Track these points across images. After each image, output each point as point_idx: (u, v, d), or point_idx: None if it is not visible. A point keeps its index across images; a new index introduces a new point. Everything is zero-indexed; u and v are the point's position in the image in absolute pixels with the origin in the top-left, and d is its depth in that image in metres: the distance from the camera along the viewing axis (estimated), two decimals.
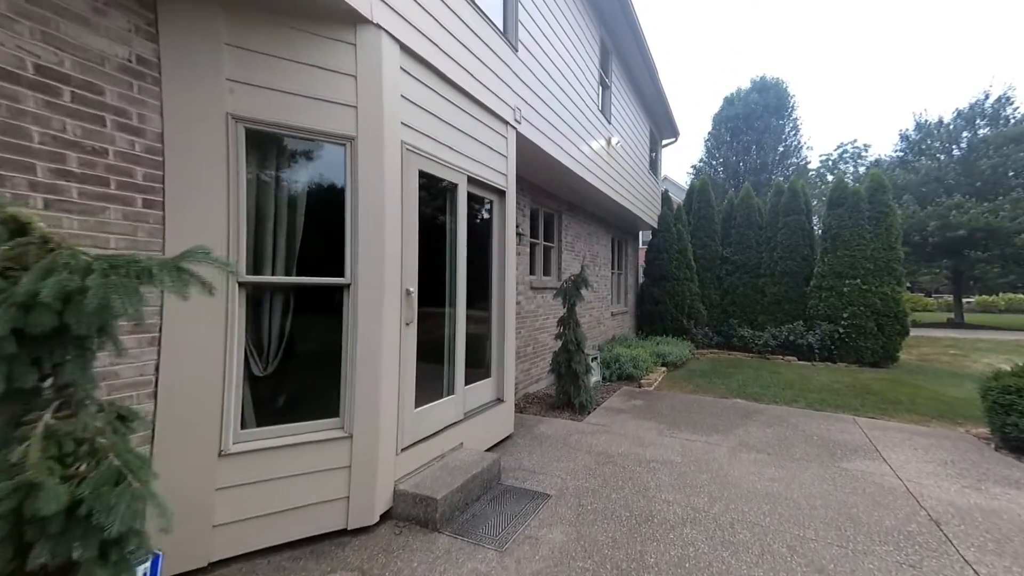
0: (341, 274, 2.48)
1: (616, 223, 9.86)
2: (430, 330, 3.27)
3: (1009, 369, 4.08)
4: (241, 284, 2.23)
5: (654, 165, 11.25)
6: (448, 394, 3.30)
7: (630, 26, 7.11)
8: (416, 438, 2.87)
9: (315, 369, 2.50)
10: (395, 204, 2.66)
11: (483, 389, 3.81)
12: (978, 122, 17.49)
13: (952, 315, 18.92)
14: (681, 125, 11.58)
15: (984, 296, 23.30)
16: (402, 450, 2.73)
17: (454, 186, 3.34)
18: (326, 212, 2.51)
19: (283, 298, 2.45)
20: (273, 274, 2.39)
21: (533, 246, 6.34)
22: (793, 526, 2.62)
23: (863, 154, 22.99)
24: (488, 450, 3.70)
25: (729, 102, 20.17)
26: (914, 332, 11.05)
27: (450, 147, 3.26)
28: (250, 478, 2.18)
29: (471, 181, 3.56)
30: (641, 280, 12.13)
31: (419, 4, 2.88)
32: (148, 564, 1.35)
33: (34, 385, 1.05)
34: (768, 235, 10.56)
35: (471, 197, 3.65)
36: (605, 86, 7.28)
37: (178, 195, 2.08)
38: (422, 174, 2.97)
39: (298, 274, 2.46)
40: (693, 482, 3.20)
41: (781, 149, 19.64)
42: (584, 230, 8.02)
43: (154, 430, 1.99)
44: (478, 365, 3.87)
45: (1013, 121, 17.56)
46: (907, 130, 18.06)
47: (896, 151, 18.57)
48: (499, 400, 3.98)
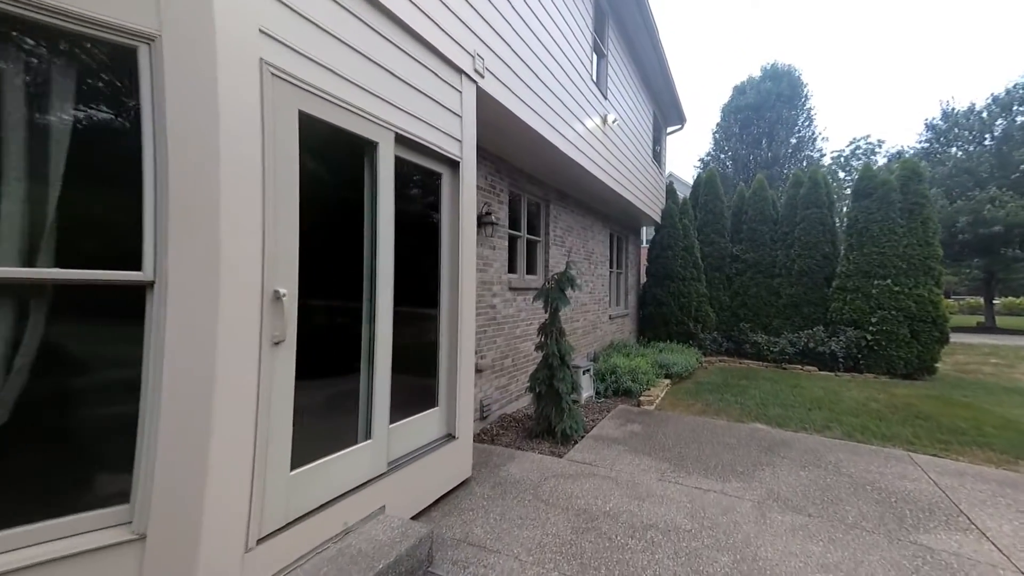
0: (136, 265, 1.52)
1: (615, 216, 8.85)
2: (333, 348, 2.30)
3: None
4: None
5: (658, 154, 10.22)
6: (363, 439, 2.32)
7: None
8: (294, 515, 1.90)
9: (85, 425, 1.53)
10: (248, 158, 1.69)
11: (424, 425, 2.83)
12: (1016, 108, 16.01)
13: (983, 319, 17.58)
14: (687, 116, 10.54)
15: (1011, 298, 21.91)
16: (262, 539, 1.76)
17: (372, 145, 2.36)
18: (111, 163, 1.54)
19: (20, 306, 1.47)
20: None
21: (513, 240, 5.35)
22: None
23: (876, 150, 21.75)
24: (427, 509, 2.72)
25: (740, 91, 18.95)
26: None
27: (366, 89, 2.28)
28: None
29: (404, 142, 2.58)
30: (643, 280, 11.11)
31: None
32: None
33: None
34: (784, 231, 9.50)
35: (407, 165, 2.67)
36: (600, 54, 6.28)
37: None
38: (309, 120, 1.99)
39: (57, 263, 1.48)
40: (710, 569, 2.20)
41: (794, 141, 18.37)
42: (577, 223, 7.02)
43: None
44: (419, 392, 2.89)
45: None
46: (933, 119, 16.73)
47: (921, 142, 17.28)
48: (450, 437, 3.00)
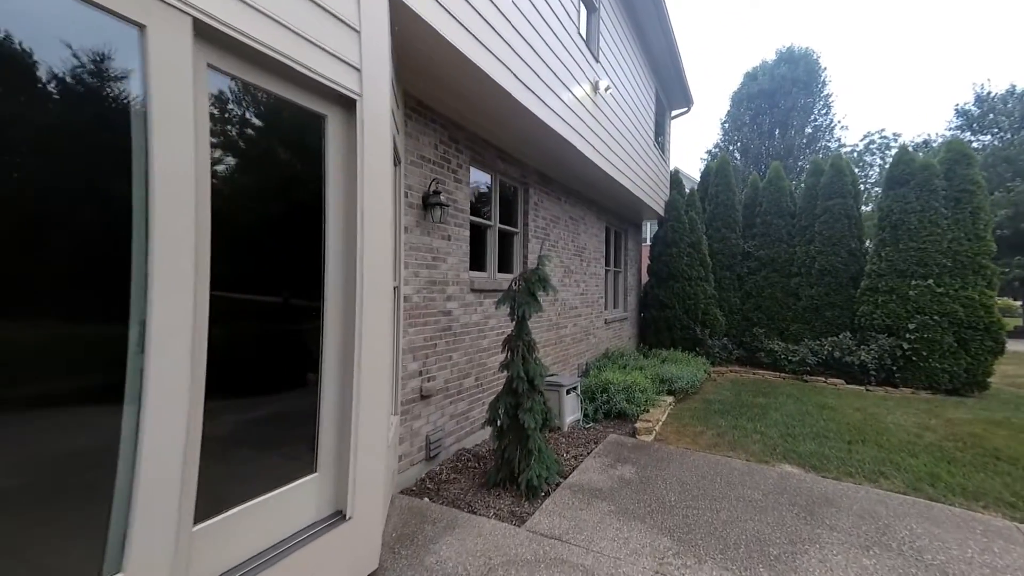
0: None
1: (611, 208, 7.78)
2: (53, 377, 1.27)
3: None
4: None
5: (661, 139, 9.13)
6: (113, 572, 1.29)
7: None
8: None
9: None
10: None
11: (283, 507, 1.80)
12: None
13: (1020, 322, 16.17)
14: (695, 99, 9.43)
15: None
16: None
17: (140, 28, 1.33)
18: None
19: None
20: None
21: (480, 231, 4.32)
22: None
23: (892, 145, 20.39)
24: None
25: (751, 77, 17.58)
26: None
27: None
28: None
29: (230, 48, 1.55)
30: (645, 280, 10.03)
31: None
32: None
33: None
34: (803, 224, 8.37)
35: (247, 95, 1.65)
36: (591, 7, 5.21)
37: None
38: None
39: None
40: None
41: (809, 131, 17.06)
42: (564, 213, 5.97)
43: None
44: (278, 451, 1.87)
45: None
46: (966, 104, 15.29)
47: (950, 129, 15.91)
48: (338, 517, 1.96)
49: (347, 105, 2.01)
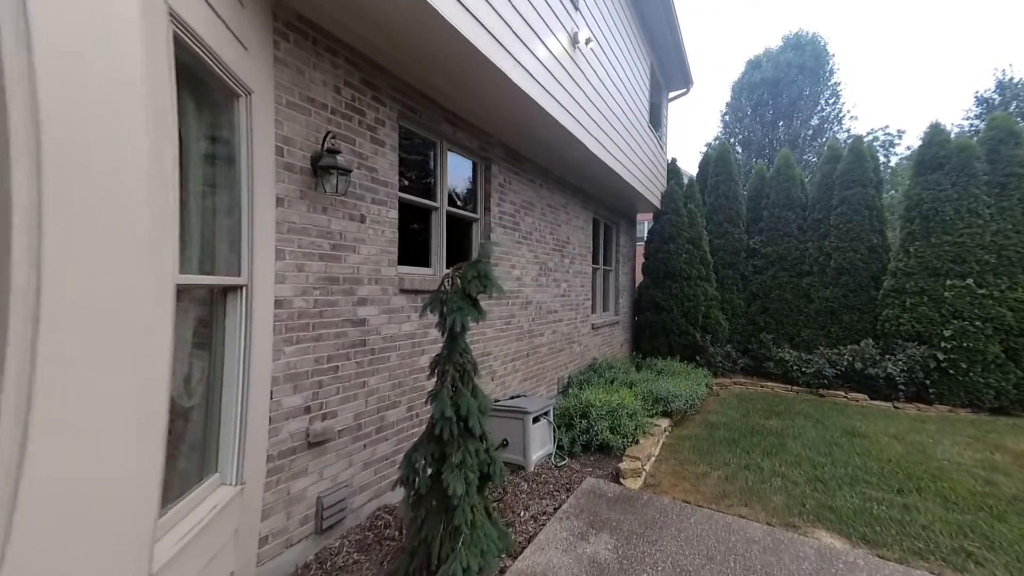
0: None
1: (600, 196, 6.79)
2: None
3: None
4: None
5: (657, 121, 8.16)
6: None
7: None
8: None
9: None
10: None
11: None
12: None
13: None
14: (695, 79, 8.45)
15: None
16: None
17: None
18: None
19: None
20: None
21: (418, 214, 3.33)
22: None
23: (896, 142, 19.43)
24: None
25: (754, 65, 16.52)
26: None
27: None
28: None
29: None
30: (639, 280, 9.06)
31: None
32: None
33: None
34: (816, 217, 7.41)
35: None
36: None
37: None
38: None
39: None
40: None
41: (815, 122, 16.04)
42: (541, 200, 4.99)
43: None
44: None
45: None
46: (986, 91, 14.23)
47: (968, 118, 14.96)
48: None
49: None
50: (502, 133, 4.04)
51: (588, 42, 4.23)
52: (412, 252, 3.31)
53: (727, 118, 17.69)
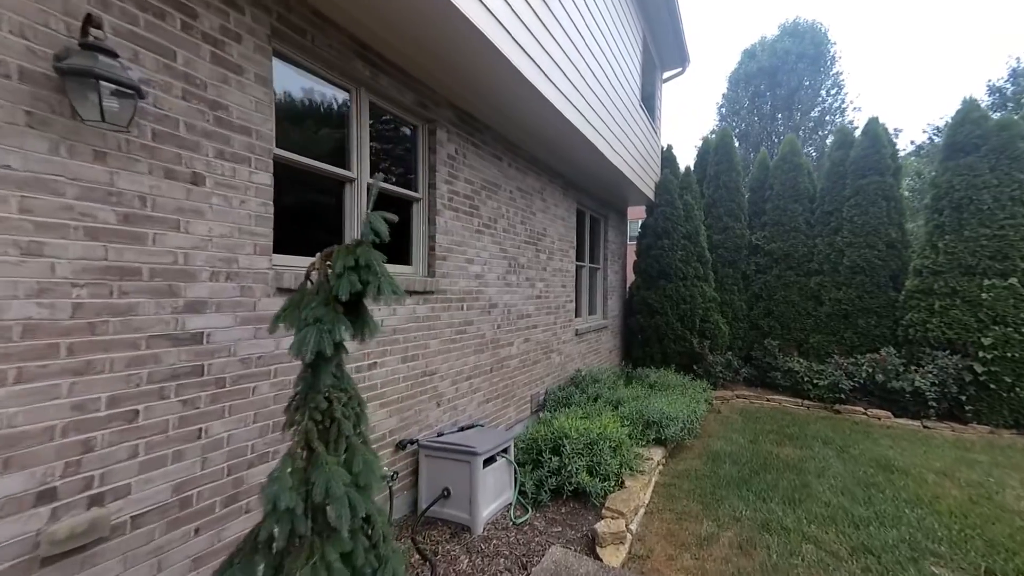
0: None
1: (586, 183, 5.91)
2: None
3: None
4: None
5: (650, 101, 7.31)
6: None
7: None
8: None
9: None
10: None
11: None
12: None
13: None
14: (691, 56, 7.60)
15: None
16: None
17: None
18: None
19: None
20: None
21: (304, 180, 2.40)
22: None
23: (892, 139, 18.76)
24: None
25: (750, 55, 15.73)
26: None
27: None
28: None
29: None
30: (631, 280, 8.20)
31: None
32: None
33: None
34: (825, 210, 6.60)
35: None
36: None
37: None
38: None
39: None
40: None
41: (816, 114, 15.29)
42: (509, 181, 4.08)
43: None
44: None
45: None
46: (999, 80, 13.43)
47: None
48: None
49: None
50: (451, 91, 3.13)
51: None
52: (313, 238, 2.39)
53: (723, 110, 16.91)
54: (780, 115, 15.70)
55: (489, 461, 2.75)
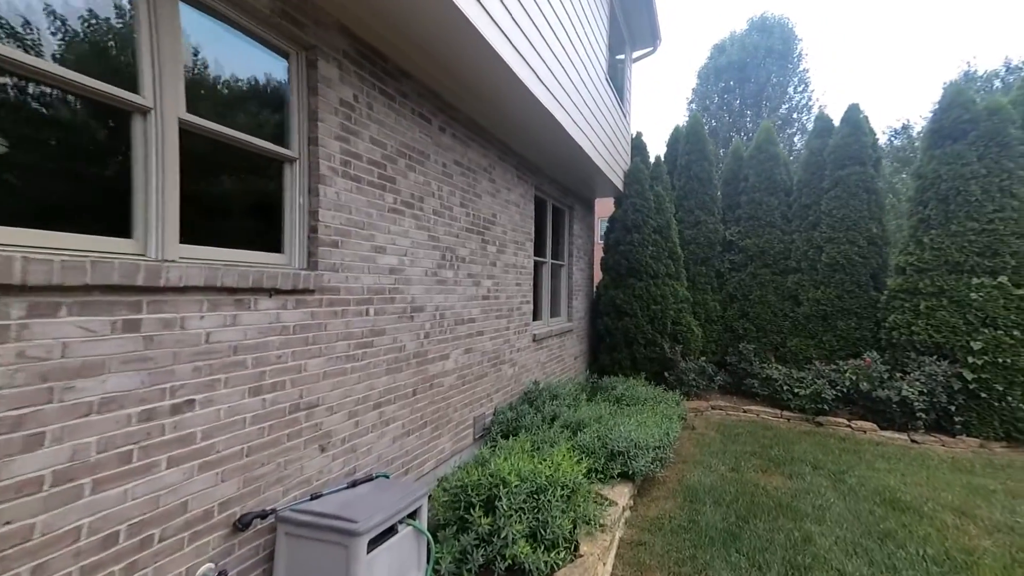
0: None
1: (547, 165, 5.13)
2: None
3: None
4: None
5: (619, 81, 6.65)
6: None
7: None
8: None
9: None
10: None
11: None
12: None
13: None
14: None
15: None
16: None
17: None
18: None
19: None
20: None
21: (97, 114, 1.43)
22: None
23: (872, 128, 19.16)
24: None
25: (720, 50, 15.59)
26: None
27: None
28: None
29: None
30: (599, 279, 7.55)
31: None
32: None
33: None
34: (803, 203, 6.15)
35: None
36: None
37: None
38: None
39: None
40: None
41: (784, 111, 15.35)
42: (442, 151, 3.20)
43: None
44: None
45: None
46: (954, 81, 13.53)
47: (934, 111, 14.66)
48: None
49: None
50: (342, 7, 2.24)
51: None
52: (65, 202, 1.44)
53: (693, 106, 16.73)
54: (749, 112, 15.65)
55: (385, 535, 1.90)
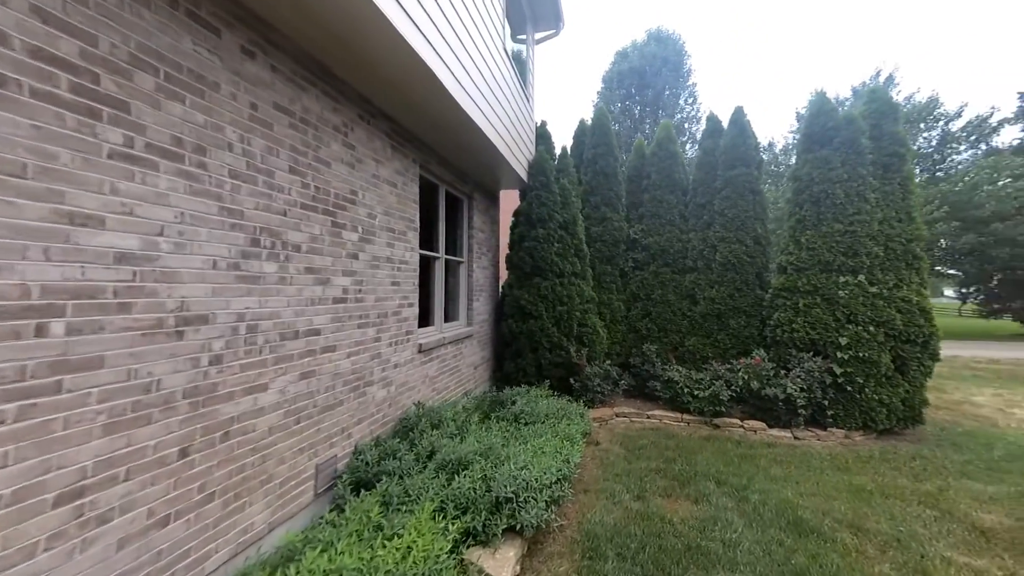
0: None
1: (430, 137, 4.25)
2: None
3: None
4: None
5: (522, 64, 6.10)
6: None
7: None
8: None
9: None
10: None
11: None
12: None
13: None
14: (567, 19, 6.66)
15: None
16: None
17: None
18: None
19: None
20: None
21: None
22: None
23: (754, 132, 21.94)
24: None
25: (623, 56, 16.49)
26: None
27: None
28: None
29: None
30: (503, 278, 6.94)
31: None
32: None
33: None
34: (699, 202, 6.26)
35: None
36: None
37: None
38: None
39: None
40: None
41: (676, 121, 16.70)
42: (251, 85, 2.14)
43: None
44: None
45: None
46: (847, 96, 15.06)
47: (792, 131, 16.96)
48: None
49: None
50: None
51: None
52: None
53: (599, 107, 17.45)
54: (648, 120, 16.77)
55: None
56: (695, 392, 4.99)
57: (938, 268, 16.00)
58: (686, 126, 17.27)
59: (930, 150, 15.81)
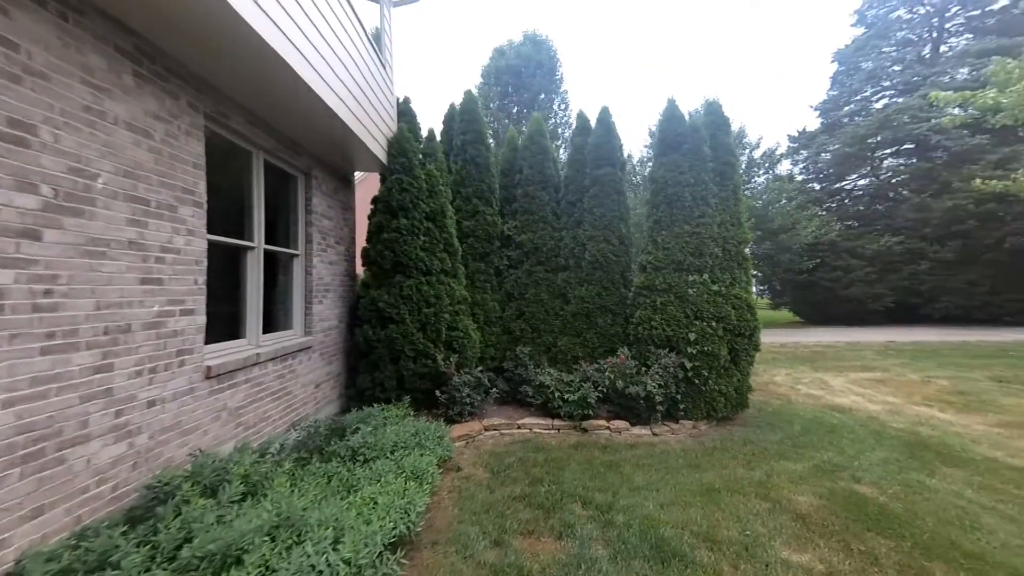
0: None
1: (223, 80, 3.01)
2: None
3: None
4: None
5: (374, 25, 5.14)
6: None
7: None
8: None
9: None
10: None
11: None
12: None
13: None
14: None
15: None
16: None
17: None
18: None
19: None
20: None
21: None
22: None
23: (618, 133, 23.94)
24: None
25: (500, 52, 16.53)
26: None
27: None
28: None
29: None
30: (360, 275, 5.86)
31: None
32: None
33: None
34: (570, 200, 6.17)
35: None
36: None
37: None
38: None
39: None
40: None
41: (550, 125, 17.38)
42: None
43: None
44: None
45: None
46: (652, 127, 17.67)
47: (647, 145, 18.90)
48: None
49: None
50: None
51: None
52: None
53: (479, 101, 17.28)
54: (525, 120, 17.22)
55: None
56: (565, 396, 4.76)
57: None
58: (559, 131, 18.19)
59: (741, 171, 19.83)
